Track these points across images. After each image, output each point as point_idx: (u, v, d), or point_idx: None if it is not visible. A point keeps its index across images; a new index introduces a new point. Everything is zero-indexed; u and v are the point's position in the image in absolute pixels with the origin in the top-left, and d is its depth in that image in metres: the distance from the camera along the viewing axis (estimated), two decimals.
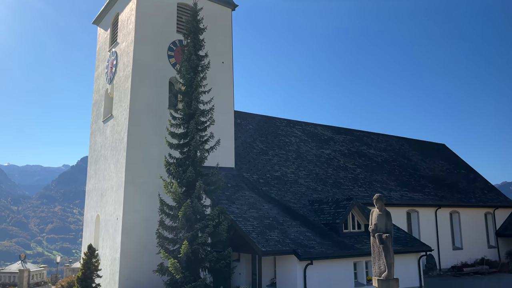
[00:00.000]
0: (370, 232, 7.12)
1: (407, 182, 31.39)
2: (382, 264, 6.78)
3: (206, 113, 17.60)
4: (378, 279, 6.80)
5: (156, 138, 20.12)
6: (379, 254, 6.89)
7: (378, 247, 6.89)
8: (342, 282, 17.78)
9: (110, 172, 21.61)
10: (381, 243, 6.74)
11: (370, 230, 7.12)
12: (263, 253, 15.98)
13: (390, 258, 6.73)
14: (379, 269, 6.85)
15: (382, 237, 6.77)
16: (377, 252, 6.94)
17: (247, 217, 18.43)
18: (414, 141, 40.26)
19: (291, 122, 31.73)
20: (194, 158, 16.89)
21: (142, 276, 18.73)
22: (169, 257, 15.63)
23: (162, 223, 17.05)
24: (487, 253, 31.85)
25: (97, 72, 26.64)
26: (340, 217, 19.50)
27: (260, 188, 22.35)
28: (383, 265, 6.75)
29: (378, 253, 6.92)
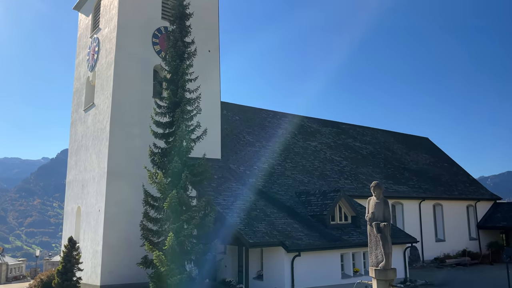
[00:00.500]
0: (367, 221, 6.85)
1: (392, 174, 31.55)
2: (380, 254, 6.53)
3: (192, 101, 17.08)
4: (375, 269, 6.55)
5: (140, 127, 19.52)
6: (376, 244, 6.64)
7: (376, 236, 6.63)
8: (329, 273, 17.68)
9: (92, 162, 20.92)
10: (378, 232, 6.49)
11: (367, 219, 6.86)
12: (251, 245, 15.69)
13: (388, 247, 6.49)
14: (376, 259, 6.60)
15: (379, 226, 6.51)
16: (374, 241, 6.69)
17: (234, 209, 18.09)
18: (399, 135, 40.52)
19: (278, 114, 31.43)
20: (180, 148, 16.38)
21: (125, 269, 18.24)
22: (153, 249, 15.17)
23: (146, 215, 16.54)
24: (468, 245, 32.38)
25: (78, 60, 25.74)
26: (327, 209, 19.35)
27: (247, 180, 22.01)
28: (381, 254, 6.50)
29: (375, 243, 6.66)
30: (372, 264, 6.69)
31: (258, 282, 17.44)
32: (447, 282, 20.95)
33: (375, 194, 6.87)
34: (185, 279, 14.69)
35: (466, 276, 23.27)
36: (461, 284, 20.36)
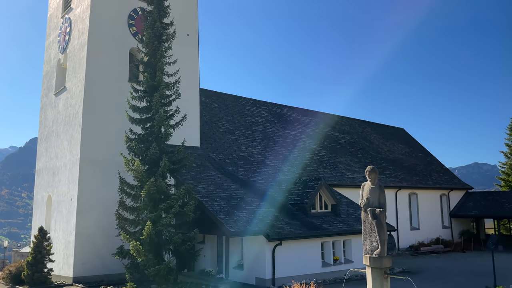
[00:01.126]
0: (362, 207, 6.54)
1: (369, 164, 31.66)
2: (374, 241, 6.25)
3: (171, 86, 16.38)
4: (370, 257, 6.27)
5: (115, 112, 18.67)
6: (370, 230, 6.35)
7: (370, 222, 6.34)
8: (309, 262, 17.52)
9: (63, 149, 19.91)
10: (374, 218, 6.20)
11: (361, 205, 6.56)
12: (232, 234, 15.30)
13: (384, 234, 6.22)
14: (370, 246, 6.32)
15: (375, 212, 6.21)
16: (368, 228, 6.40)
17: (214, 198, 17.62)
18: (376, 125, 40.92)
19: (257, 102, 31.00)
20: (158, 134, 15.72)
21: (99, 260, 17.52)
22: (130, 239, 14.55)
23: (122, 204, 15.85)
24: (441, 233, 33.13)
25: (48, 41, 24.39)
26: (308, 198, 19.15)
27: (226, 168, 21.55)
28: (376, 241, 6.22)
29: (369, 229, 6.37)
30: (366, 252, 6.41)
31: (238, 271, 17.11)
32: (423, 269, 21.25)
33: (370, 179, 6.57)
34: (163, 269, 14.17)
35: (440, 264, 23.73)
36: (437, 271, 20.68)
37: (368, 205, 6.45)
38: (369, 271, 6.32)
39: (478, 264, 23.15)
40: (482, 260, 25.20)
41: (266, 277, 16.04)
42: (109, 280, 17.10)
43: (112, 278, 17.32)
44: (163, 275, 14.26)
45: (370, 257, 6.29)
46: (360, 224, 20.31)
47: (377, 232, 6.26)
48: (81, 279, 16.98)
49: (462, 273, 20.02)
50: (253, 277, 16.56)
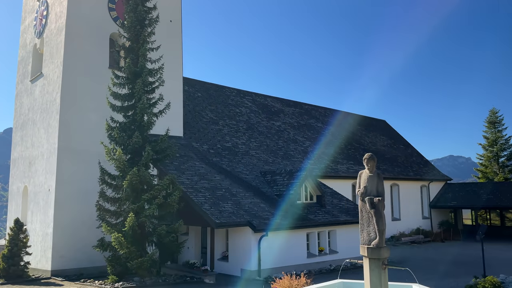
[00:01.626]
0: (359, 196, 6.31)
1: (353, 155, 31.90)
2: (372, 231, 6.04)
3: (154, 72, 15.80)
4: (367, 247, 6.06)
5: (95, 100, 17.97)
6: (368, 220, 6.13)
7: (368, 212, 6.12)
8: (295, 253, 17.39)
9: (40, 138, 19.09)
10: (372, 207, 5.98)
11: (358, 194, 6.33)
12: (217, 225, 14.97)
13: (382, 224, 6.01)
14: (368, 236, 6.10)
15: (373, 201, 5.99)
16: (366, 218, 6.18)
17: (198, 188, 17.22)
18: (358, 117, 41.08)
19: (241, 92, 30.57)
20: (141, 123, 15.17)
21: (78, 253, 16.91)
22: (112, 231, 14.04)
23: (102, 194, 15.29)
24: (421, 223, 33.67)
25: (24, 25, 23.27)
26: (294, 188, 18.97)
27: (210, 159, 21.14)
28: (373, 231, 6.01)
29: (367, 219, 6.16)
30: (363, 242, 6.19)
31: (223, 263, 16.83)
32: (406, 259, 21.46)
33: (368, 167, 6.33)
34: (147, 262, 13.76)
35: (422, 254, 24.06)
36: (420, 261, 20.93)
37: (365, 194, 6.22)
38: (367, 261, 6.11)
39: (458, 254, 23.57)
40: (462, 250, 25.70)
41: (252, 268, 15.82)
42: (89, 273, 16.55)
43: (92, 271, 16.77)
44: (146, 268, 13.86)
45: (368, 248, 6.08)
46: (344, 214, 20.36)
47: (375, 221, 6.05)
48: (60, 273, 16.38)
49: (444, 262, 20.30)
50: (238, 269, 16.32)
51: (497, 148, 41.19)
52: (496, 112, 42.21)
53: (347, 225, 19.84)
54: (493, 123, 42.02)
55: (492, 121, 42.08)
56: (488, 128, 42.32)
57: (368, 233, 6.15)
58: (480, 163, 42.57)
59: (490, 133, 42.02)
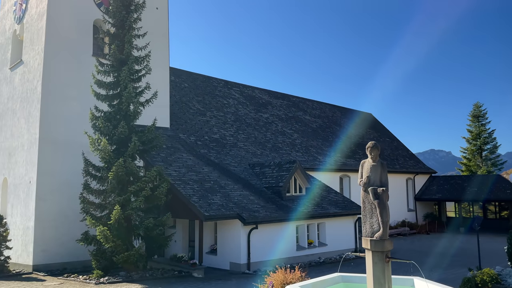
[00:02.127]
0: (362, 186, 6.04)
1: (340, 148, 31.83)
2: (376, 223, 5.79)
3: (141, 60, 15.23)
4: (370, 240, 5.80)
5: (78, 88, 17.28)
6: (371, 211, 5.88)
7: (371, 203, 5.86)
8: (284, 246, 17.17)
9: (20, 128, 18.31)
10: (375, 198, 5.72)
11: (360, 184, 6.05)
12: (206, 217, 14.60)
13: (386, 215, 5.76)
14: (371, 228, 5.85)
15: (377, 192, 5.72)
16: (369, 209, 5.92)
17: (186, 180, 16.80)
18: (345, 109, 41.11)
19: (229, 83, 30.09)
20: (127, 112, 14.63)
21: (61, 247, 16.32)
22: (96, 224, 13.54)
23: (87, 186, 14.73)
24: (407, 216, 33.94)
25: (3, 11, 22.26)
26: (283, 180, 18.72)
27: (198, 151, 20.69)
28: (377, 223, 5.76)
29: (370, 210, 5.90)
30: (366, 235, 5.93)
31: (212, 256, 16.52)
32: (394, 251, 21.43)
33: (372, 156, 6.05)
34: (133, 256, 13.33)
35: (409, 246, 24.20)
36: (409, 253, 20.99)
37: (368, 184, 5.95)
38: (369, 254, 5.86)
39: (445, 246, 23.78)
40: (447, 242, 25.98)
41: (241, 261, 15.55)
42: (73, 267, 16.01)
43: (76, 265, 16.24)
44: (133, 262, 13.44)
45: (371, 240, 5.82)
46: (334, 207, 20.24)
47: (378, 213, 5.79)
48: (42, 267, 15.78)
49: (433, 254, 20.40)
50: (227, 262, 16.03)
51: (480, 141, 41.80)
52: (480, 106, 42.77)
53: (336, 217, 19.74)
54: (477, 117, 42.59)
55: (476, 115, 42.64)
56: (472, 122, 42.89)
57: (371, 225, 5.89)
58: (463, 156, 43.16)
59: (474, 126, 42.60)
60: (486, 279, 8.72)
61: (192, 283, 12.94)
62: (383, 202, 5.78)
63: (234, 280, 13.52)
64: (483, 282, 8.66)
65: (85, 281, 13.01)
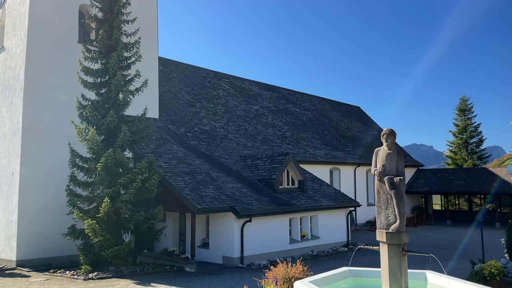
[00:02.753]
0: (376, 176, 5.70)
1: (330, 141, 31.69)
2: (391, 214, 5.46)
3: (130, 47, 14.58)
4: (386, 232, 5.48)
5: (64, 76, 16.55)
6: (386, 202, 5.55)
7: (387, 193, 5.53)
8: (278, 239, 16.90)
9: (2, 117, 17.47)
10: (392, 188, 5.39)
11: (375, 174, 5.71)
12: (199, 210, 14.16)
13: (403, 206, 5.45)
14: (386, 220, 5.53)
15: (393, 181, 5.39)
16: (384, 199, 5.59)
17: (177, 172, 16.30)
18: (334, 102, 40.99)
19: (218, 74, 29.51)
20: (116, 101, 14.01)
21: (46, 242, 15.66)
22: (84, 217, 12.96)
23: (73, 178, 14.10)
24: None
25: None
26: (276, 173, 18.38)
27: (188, 142, 20.16)
28: (392, 215, 5.44)
29: (385, 201, 5.57)
30: (381, 227, 5.60)
31: (204, 250, 16.10)
32: None
33: (388, 144, 5.70)
34: (124, 250, 12.82)
35: None
36: None
37: (384, 173, 5.61)
38: (385, 248, 5.54)
39: (434, 238, 23.90)
40: (436, 234, 26.15)
41: (235, 255, 15.18)
42: (59, 263, 15.39)
43: (62, 260, 15.62)
44: (123, 256, 12.93)
45: (387, 233, 5.50)
46: (326, 200, 20.01)
47: (395, 203, 5.47)
48: (26, 263, 15.11)
49: (425, 247, 20.40)
50: (219, 256, 15.65)
51: (466, 135, 42.25)
52: (466, 100, 43.17)
53: (328, 210, 19.54)
54: (463, 111, 43.00)
55: (462, 109, 43.05)
56: (458, 116, 43.30)
57: (386, 216, 5.57)
58: (450, 150, 43.60)
59: (460, 120, 43.02)
60: (494, 272, 8.57)
61: (185, 277, 12.51)
62: (400, 192, 5.46)
63: (228, 275, 13.15)
64: (491, 275, 8.52)
65: (72, 276, 12.44)
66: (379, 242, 5.76)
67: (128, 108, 14.89)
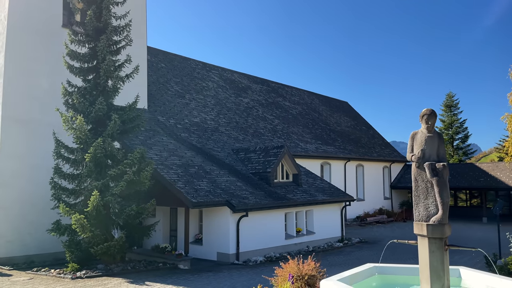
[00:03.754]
0: (414, 162, 5.11)
1: (320, 135, 31.28)
2: (432, 204, 4.91)
3: (120, 30, 13.66)
4: (427, 225, 4.90)
5: (47, 63, 15.51)
6: (426, 191, 4.98)
7: (426, 181, 4.97)
8: (273, 234, 16.31)
9: None
10: (433, 175, 4.83)
11: (412, 159, 5.13)
12: (194, 204, 13.41)
13: (447, 195, 4.88)
14: (426, 211, 4.96)
15: (435, 167, 4.81)
16: (423, 188, 5.02)
17: (169, 165, 15.49)
18: (322, 97, 40.65)
19: (207, 65, 28.66)
20: (105, 87, 13.09)
21: (28, 238, 14.66)
22: (71, 212, 12.04)
23: (58, 170, 13.14)
24: (383, 203, 34.04)
25: None
26: (271, 166, 17.76)
27: (178, 134, 19.32)
28: (433, 205, 4.88)
29: (424, 190, 5.00)
30: (420, 219, 5.04)
31: (197, 247, 15.37)
32: (379, 239, 21.19)
33: (428, 126, 5.12)
34: (114, 247, 11.99)
35: (390, 233, 24.00)
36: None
37: (423, 158, 5.03)
38: (424, 242, 4.97)
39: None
40: None
41: (230, 252, 14.51)
42: (41, 260, 14.40)
43: (45, 258, 14.64)
44: (113, 253, 12.09)
45: (428, 225, 4.93)
46: (321, 194, 19.51)
47: (437, 192, 4.91)
48: (6, 261, 14.05)
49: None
50: (214, 253, 14.95)
51: (452, 131, 42.57)
52: (452, 96, 43.48)
53: (323, 204, 19.06)
54: (449, 107, 43.28)
55: (448, 105, 43.33)
56: (444, 112, 43.56)
57: (426, 207, 5.00)
58: None
59: (446, 116, 43.30)
60: None
61: (180, 275, 11.78)
62: (443, 179, 4.90)
63: (225, 272, 12.47)
64: None
65: (58, 275, 11.53)
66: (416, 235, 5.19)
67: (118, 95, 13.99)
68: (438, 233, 4.90)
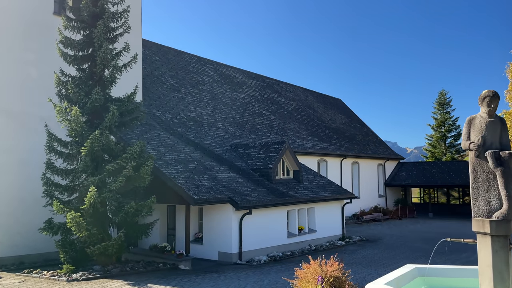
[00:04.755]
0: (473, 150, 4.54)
1: (316, 132, 30.82)
2: (494, 198, 4.36)
3: (117, 16, 12.85)
4: (490, 221, 4.33)
5: (37, 52, 14.58)
6: (487, 183, 4.43)
7: (487, 172, 4.41)
8: (276, 233, 15.71)
9: None
10: (497, 165, 4.27)
11: (470, 147, 4.55)
12: (196, 201, 12.71)
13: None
14: (487, 206, 4.41)
15: (499, 156, 4.25)
16: (483, 180, 4.46)
17: (168, 160, 14.75)
18: (317, 94, 40.25)
19: (202, 60, 27.89)
20: (101, 77, 12.28)
21: (17, 238, 13.73)
22: (66, 209, 11.22)
23: (50, 165, 12.29)
24: (378, 201, 33.76)
25: None
26: (273, 162, 17.14)
27: (175, 129, 18.56)
28: (496, 199, 4.33)
29: (485, 182, 4.45)
30: (479, 214, 4.48)
31: (197, 246, 14.66)
32: (379, 237, 20.79)
33: (490, 110, 4.54)
34: (112, 246, 11.21)
35: (389, 231, 23.66)
36: (394, 238, 20.31)
37: (483, 146, 4.46)
38: (486, 241, 4.42)
39: (424, 231, 23.46)
40: (423, 227, 25.84)
41: (233, 251, 13.86)
42: (32, 261, 13.52)
43: (35, 259, 13.76)
44: (111, 253, 11.31)
45: (491, 221, 4.37)
46: (323, 191, 18.97)
47: (502, 184, 4.36)
48: None
49: (418, 239, 19.84)
50: (215, 252, 14.27)
51: (445, 129, 42.60)
52: (445, 93, 43.49)
53: (325, 202, 18.53)
54: (442, 105, 43.30)
55: (441, 103, 43.33)
56: (437, 110, 43.57)
57: (487, 201, 4.44)
58: (429, 143, 43.87)
59: (439, 114, 43.30)
60: None
61: (184, 277, 11.08)
62: (509, 170, 4.34)
63: (230, 272, 11.82)
64: None
65: (53, 277, 10.71)
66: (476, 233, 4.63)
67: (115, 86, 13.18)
68: (503, 231, 4.36)
